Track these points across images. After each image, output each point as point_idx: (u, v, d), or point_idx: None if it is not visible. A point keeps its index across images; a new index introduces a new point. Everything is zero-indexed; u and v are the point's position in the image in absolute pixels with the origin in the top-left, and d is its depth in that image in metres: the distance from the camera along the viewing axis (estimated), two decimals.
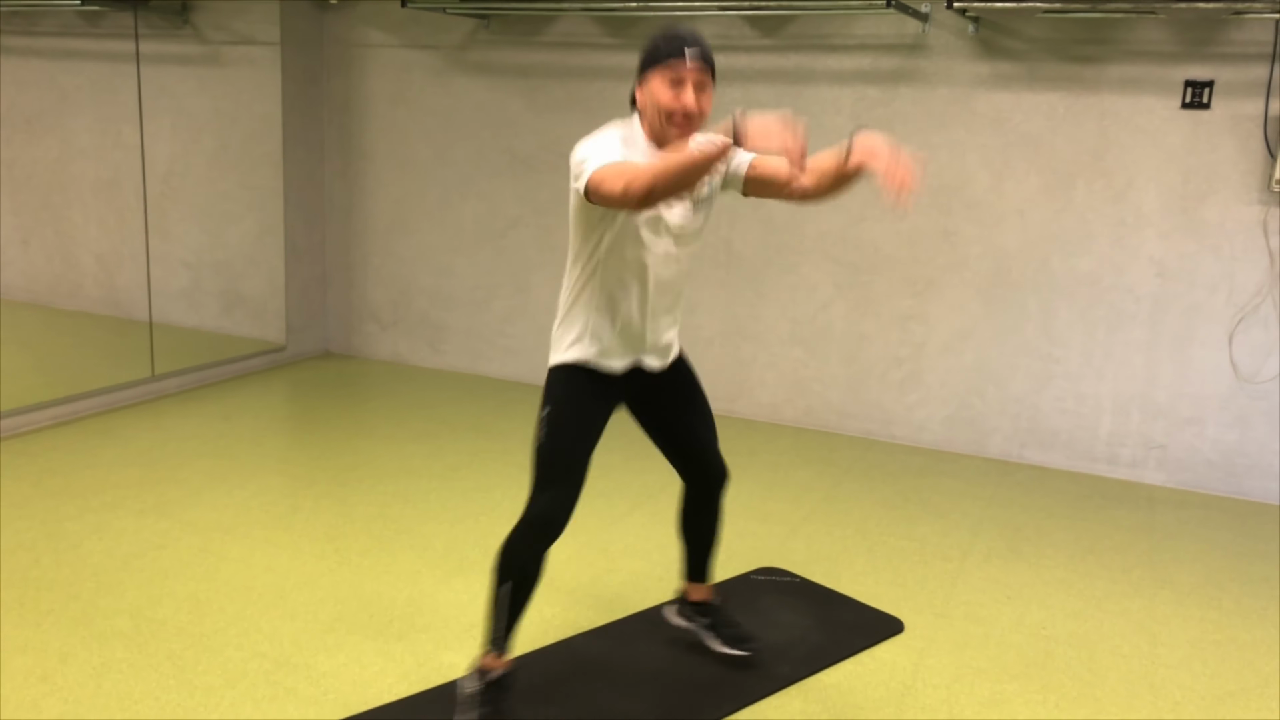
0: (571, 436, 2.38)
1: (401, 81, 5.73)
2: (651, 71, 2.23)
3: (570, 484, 2.36)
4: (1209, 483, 4.47)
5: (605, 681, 2.68)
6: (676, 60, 2.18)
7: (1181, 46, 4.22)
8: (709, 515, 2.75)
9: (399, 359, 6.09)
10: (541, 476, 2.37)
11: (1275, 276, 4.24)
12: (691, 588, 2.87)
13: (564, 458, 2.36)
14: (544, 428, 2.38)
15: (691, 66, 2.19)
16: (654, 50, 2.23)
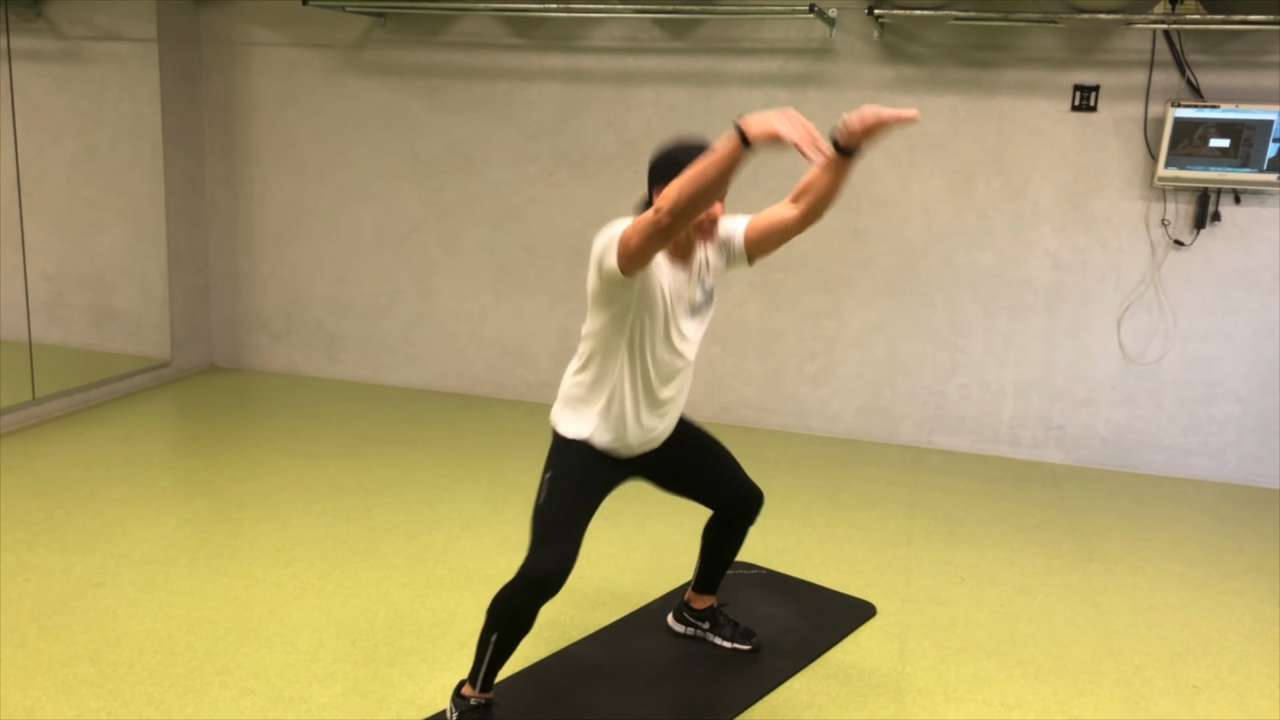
0: (573, 502, 2.37)
1: (290, 81, 5.49)
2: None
3: (568, 544, 2.32)
4: (1103, 459, 4.81)
5: (613, 688, 2.67)
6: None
7: (1071, 53, 4.52)
8: (739, 535, 2.81)
9: (293, 370, 5.84)
10: (540, 535, 2.34)
11: (1156, 266, 4.60)
12: (696, 597, 2.92)
13: (564, 520, 2.35)
14: (546, 489, 2.38)
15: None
16: (673, 163, 2.23)
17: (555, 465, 2.41)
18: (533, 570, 2.28)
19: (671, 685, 2.70)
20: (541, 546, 2.31)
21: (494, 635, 2.32)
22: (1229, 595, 3.45)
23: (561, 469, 2.40)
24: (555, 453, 2.44)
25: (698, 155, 2.14)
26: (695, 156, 2.13)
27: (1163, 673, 2.90)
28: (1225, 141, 4.29)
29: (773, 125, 1.90)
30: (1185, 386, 4.65)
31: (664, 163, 2.29)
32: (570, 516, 2.35)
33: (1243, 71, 4.33)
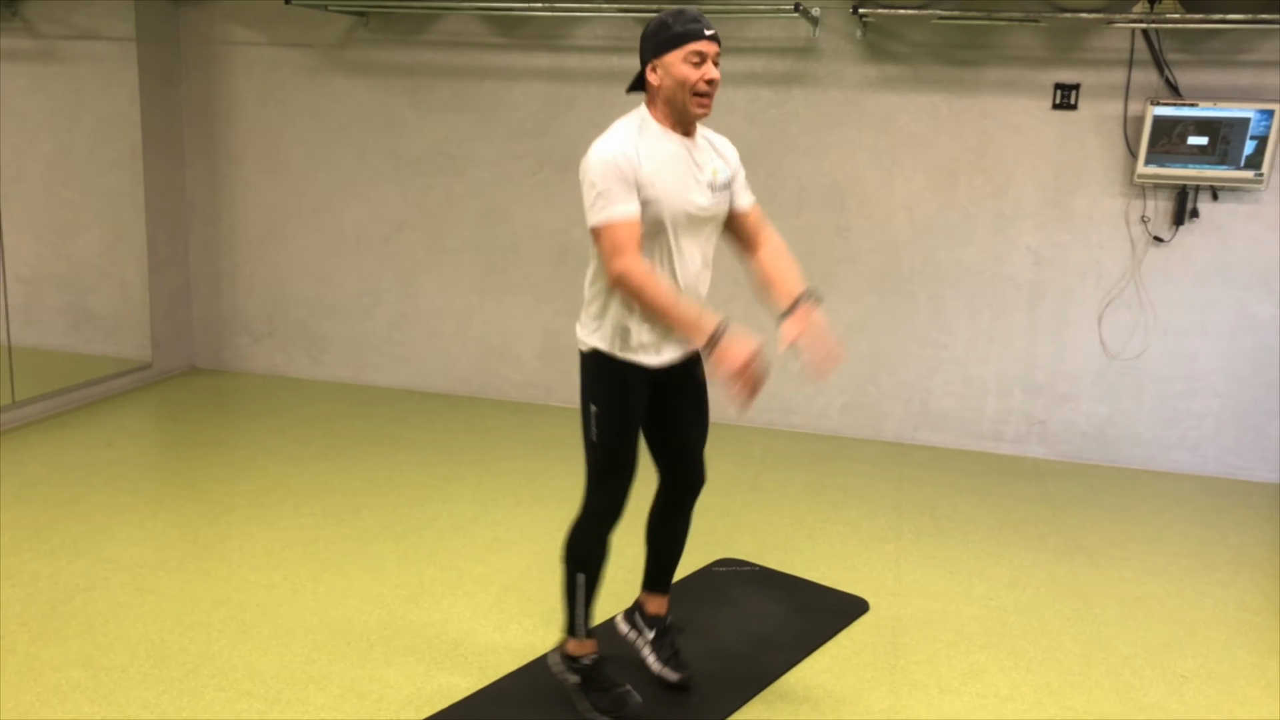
0: (623, 431, 2.43)
1: (270, 81, 5.46)
2: (669, 53, 2.26)
3: (627, 474, 2.46)
4: (1085, 453, 4.87)
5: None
6: (696, 38, 2.25)
7: (1051, 52, 4.57)
8: (680, 521, 2.73)
9: (275, 371, 5.80)
10: (600, 471, 2.45)
11: (1136, 262, 4.65)
12: (650, 598, 2.79)
13: (619, 451, 2.43)
14: (596, 425, 2.42)
15: (710, 42, 2.27)
16: (668, 32, 2.26)
17: (596, 396, 2.42)
18: (599, 508, 2.46)
19: (660, 684, 2.70)
20: (603, 482, 2.45)
21: (580, 576, 2.48)
22: (1213, 586, 3.50)
23: (604, 402, 2.41)
24: (592, 375, 2.43)
25: (690, 22, 2.25)
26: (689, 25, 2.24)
27: (1151, 663, 2.94)
28: (1203, 139, 4.35)
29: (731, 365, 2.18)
30: (1165, 381, 4.71)
31: (655, 29, 2.30)
32: (624, 446, 2.43)
33: (1220, 70, 4.40)
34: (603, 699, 2.53)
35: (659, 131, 2.32)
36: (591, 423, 2.43)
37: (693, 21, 2.26)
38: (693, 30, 2.25)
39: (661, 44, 2.27)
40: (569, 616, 2.53)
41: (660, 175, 2.28)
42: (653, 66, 2.30)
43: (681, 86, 2.27)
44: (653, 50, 2.29)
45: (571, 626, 2.53)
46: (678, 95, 2.28)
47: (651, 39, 2.30)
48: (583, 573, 2.48)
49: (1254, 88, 4.37)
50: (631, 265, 2.22)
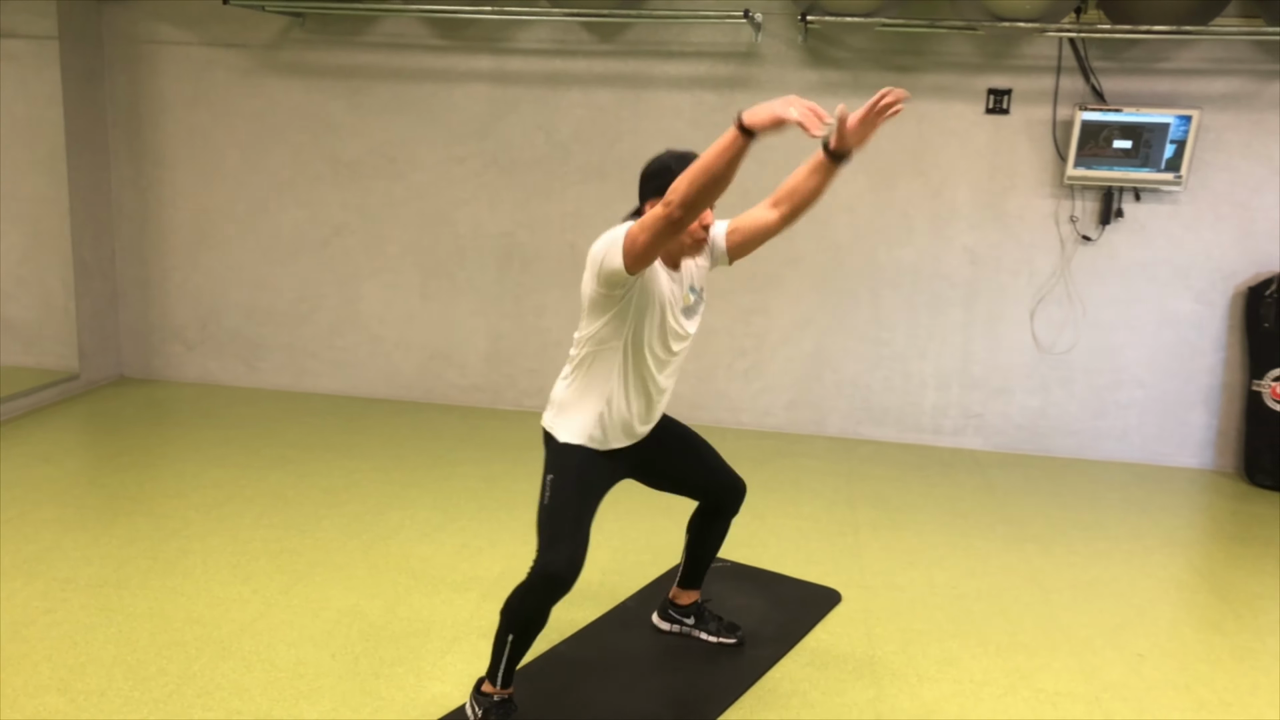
0: (577, 501, 2.43)
1: (201, 82, 5.31)
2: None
3: (578, 543, 2.36)
4: (1019, 444, 5.07)
5: (606, 684, 2.71)
6: None
7: (984, 59, 4.74)
8: (723, 527, 2.87)
9: (209, 380, 5.66)
10: (549, 535, 2.39)
11: (1066, 260, 4.86)
12: (683, 593, 2.99)
13: (570, 519, 2.40)
14: (549, 490, 2.43)
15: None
16: (667, 170, 2.29)
17: (555, 468, 2.46)
18: (545, 570, 2.32)
19: (662, 679, 2.76)
20: (552, 546, 2.35)
21: (510, 636, 2.38)
22: (1154, 568, 3.70)
23: (562, 470, 2.45)
24: (554, 456, 2.48)
25: (690, 161, 2.21)
26: (688, 163, 2.20)
27: (1109, 643, 3.10)
28: (1128, 143, 4.57)
29: (774, 111, 2.01)
30: (1094, 373, 4.94)
31: (657, 170, 2.36)
32: (577, 515, 2.40)
33: (1141, 77, 4.62)
34: None
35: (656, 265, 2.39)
36: (545, 489, 2.44)
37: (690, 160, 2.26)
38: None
39: (663, 186, 2.23)
40: (492, 665, 2.45)
41: (657, 287, 2.38)
42: (653, 204, 2.29)
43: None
44: (654, 190, 2.32)
45: (493, 673, 2.45)
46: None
47: (653, 180, 2.35)
48: (514, 634, 2.40)
49: (1172, 94, 4.61)
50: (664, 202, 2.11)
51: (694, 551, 2.91)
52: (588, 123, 5.06)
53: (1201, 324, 4.81)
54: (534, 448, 4.68)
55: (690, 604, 2.99)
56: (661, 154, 2.38)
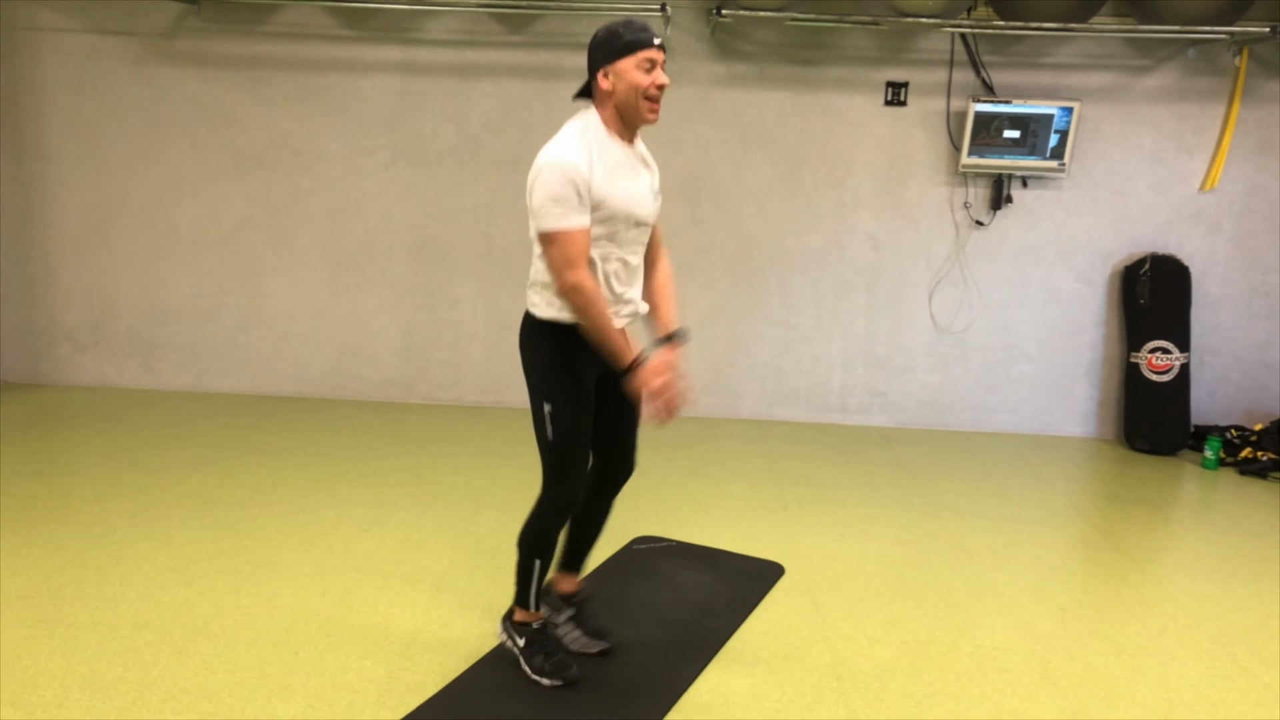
0: (576, 428, 2.51)
1: (88, 71, 5.08)
2: (622, 60, 2.36)
3: (582, 469, 2.56)
4: (921, 420, 5.33)
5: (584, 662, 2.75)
6: (647, 46, 2.38)
7: (882, 53, 4.96)
8: (603, 507, 2.84)
9: (104, 383, 5.42)
10: (556, 467, 2.53)
11: (961, 244, 5.14)
12: (563, 578, 2.88)
13: (573, 449, 2.52)
14: (550, 424, 2.49)
15: (659, 50, 2.40)
16: (619, 40, 2.36)
17: (550, 395, 2.48)
18: (558, 501, 2.56)
19: (629, 652, 2.83)
20: (561, 478, 2.54)
21: (537, 561, 2.63)
22: (1059, 529, 3.97)
23: (558, 399, 2.48)
24: (543, 375, 2.49)
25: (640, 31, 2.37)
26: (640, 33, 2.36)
27: (1034, 600, 3.33)
28: (1016, 133, 4.87)
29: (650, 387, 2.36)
30: (988, 351, 5.24)
31: (606, 39, 2.39)
32: (580, 443, 2.53)
33: (1026, 71, 4.92)
34: (546, 663, 2.67)
35: (607, 137, 2.42)
36: (546, 422, 2.49)
37: (642, 30, 2.39)
38: (643, 39, 2.37)
39: (614, 51, 2.36)
40: (522, 592, 2.69)
41: (612, 182, 2.40)
42: (605, 72, 2.39)
43: (634, 91, 2.37)
44: (605, 57, 2.38)
45: (524, 600, 2.69)
46: (631, 100, 2.39)
47: (603, 46, 2.39)
48: (539, 558, 2.63)
49: (1054, 87, 4.93)
50: (584, 279, 2.33)
51: (576, 530, 2.83)
52: (499, 114, 5.06)
53: (1083, 302, 5.16)
54: (457, 441, 4.70)
55: (571, 593, 2.87)
56: (612, 23, 2.41)
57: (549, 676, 2.66)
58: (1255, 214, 5.02)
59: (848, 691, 2.70)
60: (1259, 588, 3.49)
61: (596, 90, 2.43)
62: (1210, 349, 5.17)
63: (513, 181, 5.12)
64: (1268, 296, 5.10)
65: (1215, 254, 5.08)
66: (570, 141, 2.37)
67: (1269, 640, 3.10)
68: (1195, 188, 5.02)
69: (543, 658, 2.68)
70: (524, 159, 5.08)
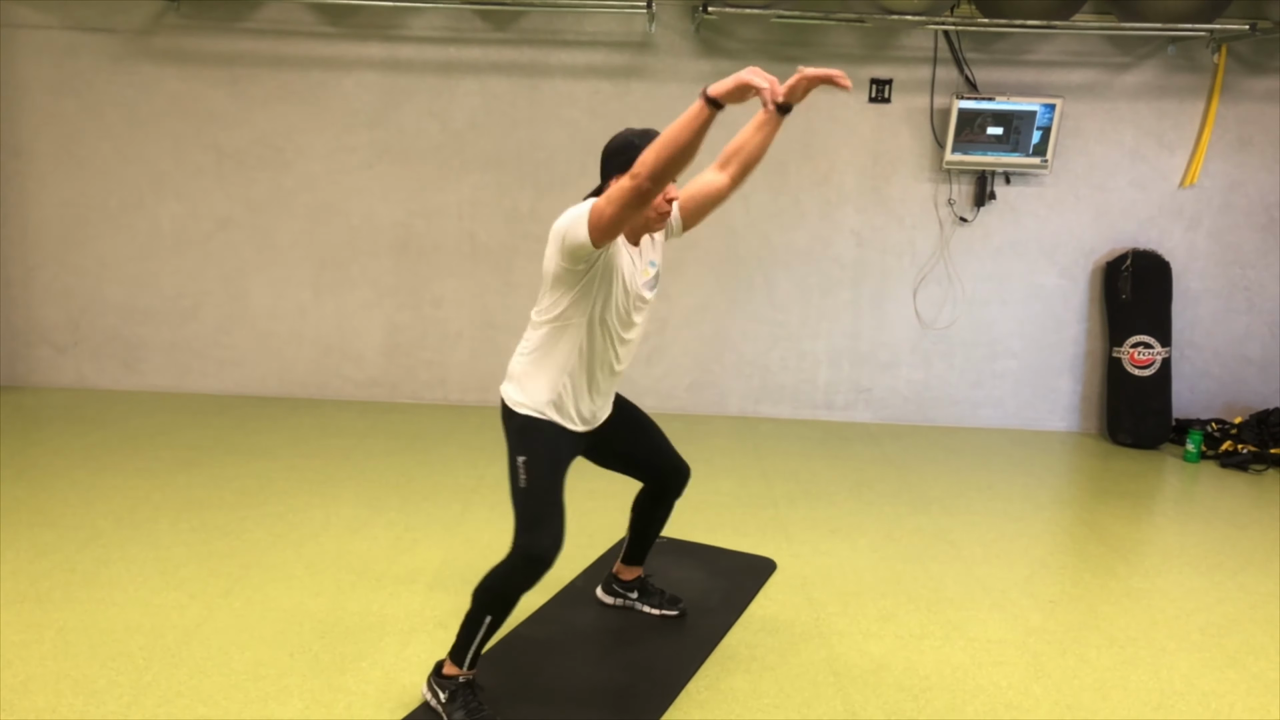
0: (551, 480, 2.47)
1: (66, 68, 5.01)
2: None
3: (557, 522, 2.43)
4: (906, 415, 5.36)
5: (574, 660, 2.77)
6: None
7: (866, 50, 4.98)
8: (666, 508, 2.96)
9: (84, 384, 5.36)
10: (529, 518, 2.43)
11: (945, 241, 5.17)
12: (627, 569, 3.08)
13: (547, 499, 2.45)
14: (524, 472, 2.45)
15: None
16: (633, 153, 2.31)
17: (524, 448, 2.47)
18: (530, 551, 2.37)
19: (626, 651, 2.83)
20: (533, 528, 2.40)
21: (488, 617, 2.41)
22: (1047, 523, 4.01)
23: (532, 451, 2.47)
24: (520, 434, 2.49)
25: (653, 139, 2.29)
26: (651, 139, 2.27)
27: (1024, 593, 3.35)
28: (999, 129, 4.90)
29: (739, 78, 2.11)
30: (972, 346, 5.27)
31: (621, 147, 2.41)
32: (552, 495, 2.45)
33: (1008, 68, 4.96)
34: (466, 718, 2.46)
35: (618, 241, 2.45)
36: (519, 471, 2.47)
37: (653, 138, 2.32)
38: None
39: (628, 163, 2.29)
40: (460, 646, 2.46)
41: (619, 262, 2.43)
42: (617, 179, 2.34)
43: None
44: (619, 167, 2.36)
45: (460, 655, 2.46)
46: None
47: (617, 156, 2.40)
48: (492, 615, 2.42)
49: (1036, 84, 4.97)
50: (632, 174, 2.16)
51: (639, 531, 2.99)
52: (483, 111, 5.04)
53: (1066, 297, 5.20)
54: (443, 440, 4.68)
55: (633, 579, 3.08)
56: (623, 131, 2.44)
57: None
58: (1234, 209, 5.08)
59: (845, 687, 2.72)
60: (1244, 579, 3.54)
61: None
62: (1190, 343, 5.22)
63: (498, 179, 5.10)
64: (1246, 291, 5.17)
65: (1195, 249, 5.13)
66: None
67: (1256, 630, 3.14)
68: (1175, 184, 5.07)
69: (464, 713, 2.44)
70: (508, 156, 5.07)
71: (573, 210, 2.34)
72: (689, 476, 2.93)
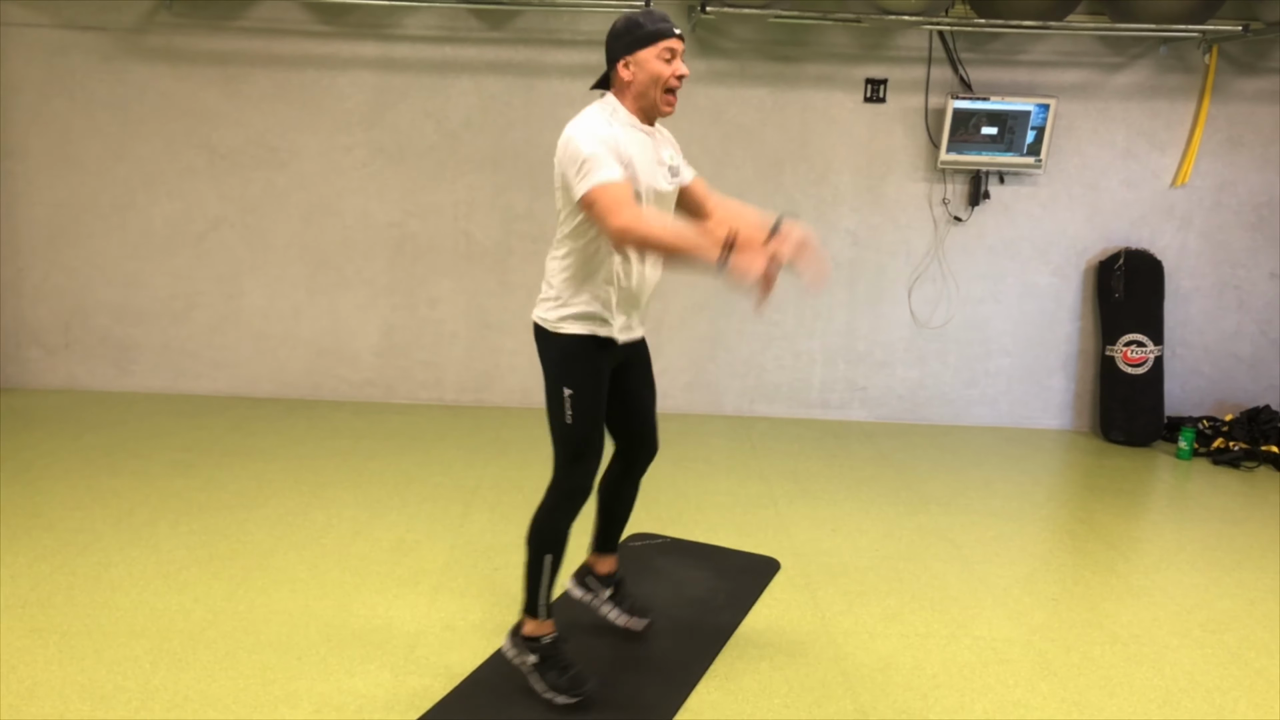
0: (594, 414, 2.50)
1: (56, 67, 4.97)
2: (643, 50, 2.39)
3: (597, 453, 2.53)
4: (900, 414, 5.38)
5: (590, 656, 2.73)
6: (667, 36, 2.40)
7: (861, 50, 4.99)
8: (631, 487, 2.90)
9: (76, 385, 5.31)
10: (572, 452, 2.50)
11: (939, 240, 5.19)
12: (599, 559, 2.96)
13: (591, 433, 2.50)
14: (571, 407, 2.47)
15: (679, 40, 2.43)
16: (640, 30, 2.39)
17: (570, 378, 2.47)
18: (571, 484, 2.50)
19: (636, 649, 2.84)
20: (577, 462, 2.49)
21: (547, 557, 2.52)
22: (1045, 521, 4.03)
23: (577, 384, 2.47)
24: (563, 362, 2.48)
25: (661, 21, 2.39)
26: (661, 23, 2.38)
27: (1027, 591, 3.37)
28: (994, 129, 4.92)
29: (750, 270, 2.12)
30: (966, 345, 5.30)
31: (627, 28, 2.41)
32: (595, 429, 2.51)
33: (1002, 68, 4.98)
34: (560, 678, 2.57)
35: (628, 121, 2.44)
36: (565, 406, 2.47)
37: (663, 20, 2.42)
38: (664, 29, 2.41)
39: (635, 41, 2.39)
40: (531, 598, 2.55)
41: (634, 159, 2.39)
42: (625, 62, 2.41)
43: (654, 81, 2.41)
44: (625, 47, 2.40)
45: (534, 607, 2.56)
46: (650, 90, 2.42)
47: (624, 36, 2.41)
48: (550, 554, 2.52)
49: (1030, 84, 4.99)
50: (633, 218, 2.23)
51: (608, 511, 2.88)
52: (479, 111, 5.03)
53: (1059, 296, 5.24)
54: (441, 441, 4.67)
55: (609, 574, 2.96)
56: (630, 13, 2.44)
57: (565, 693, 2.54)
58: (1225, 209, 5.13)
59: (854, 686, 2.73)
60: (1241, 575, 3.57)
61: (616, 80, 2.46)
62: (1182, 341, 5.27)
63: (493, 179, 5.09)
64: (1237, 290, 5.21)
65: (1186, 248, 5.18)
66: (595, 118, 2.40)
67: (1256, 626, 3.17)
68: (1167, 183, 5.11)
69: (557, 673, 2.55)
70: (504, 156, 5.06)
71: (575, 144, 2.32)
72: (655, 453, 2.84)
